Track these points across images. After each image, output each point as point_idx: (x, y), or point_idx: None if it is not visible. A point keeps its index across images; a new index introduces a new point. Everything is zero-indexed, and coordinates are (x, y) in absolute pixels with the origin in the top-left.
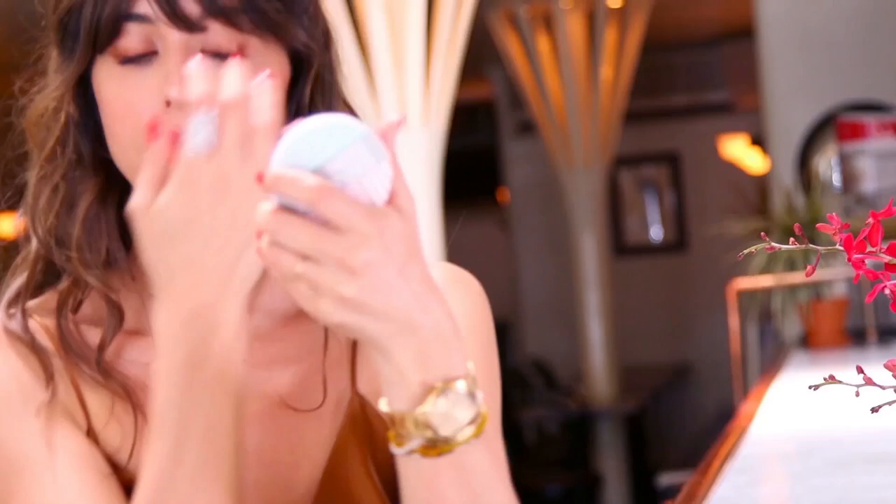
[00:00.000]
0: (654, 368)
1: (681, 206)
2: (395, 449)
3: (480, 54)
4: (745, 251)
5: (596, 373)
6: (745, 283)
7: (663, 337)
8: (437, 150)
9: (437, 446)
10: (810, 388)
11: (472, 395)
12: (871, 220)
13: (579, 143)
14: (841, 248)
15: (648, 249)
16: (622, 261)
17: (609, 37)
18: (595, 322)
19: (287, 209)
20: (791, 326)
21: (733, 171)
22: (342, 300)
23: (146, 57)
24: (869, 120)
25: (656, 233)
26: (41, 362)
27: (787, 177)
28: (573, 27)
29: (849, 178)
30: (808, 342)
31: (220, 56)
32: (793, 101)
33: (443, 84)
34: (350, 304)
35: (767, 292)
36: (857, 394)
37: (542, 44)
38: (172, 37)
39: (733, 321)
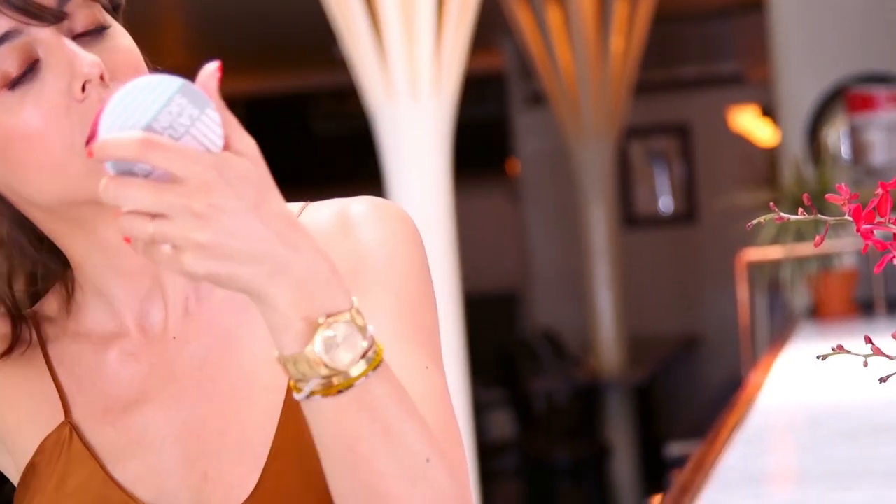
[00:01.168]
0: (662, 339)
1: (690, 177)
2: (296, 395)
3: (491, 25)
4: (755, 221)
5: (605, 343)
6: (754, 254)
7: (672, 308)
8: (447, 121)
9: (334, 384)
10: (818, 358)
11: (361, 329)
12: (880, 190)
13: (589, 115)
14: (850, 218)
15: (658, 221)
16: (631, 232)
17: (620, 7)
18: (604, 293)
19: (125, 175)
20: (800, 297)
21: (743, 142)
22: (201, 247)
23: (27, 73)
24: (879, 92)
25: (666, 204)
26: None
27: (796, 148)
28: None
29: (858, 149)
30: (816, 313)
31: (86, 33)
32: (803, 72)
33: (453, 55)
34: (209, 250)
35: (776, 263)
36: (866, 364)
37: (553, 14)
38: (45, 35)
39: (742, 292)
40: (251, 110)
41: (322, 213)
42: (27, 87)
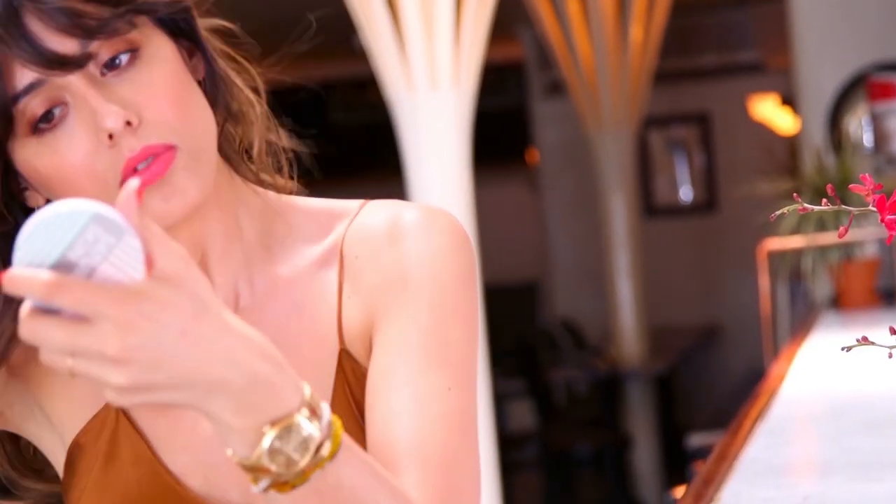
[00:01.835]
0: (683, 329)
1: (710, 166)
2: (253, 488)
3: (510, 14)
4: (777, 212)
5: (625, 333)
6: (775, 243)
7: (693, 297)
8: (466, 110)
9: (287, 482)
10: (843, 349)
11: (313, 423)
12: None
13: (608, 104)
14: (873, 208)
15: (678, 210)
16: (651, 222)
17: None
18: (624, 283)
19: (44, 310)
20: (821, 287)
21: (763, 131)
22: (119, 389)
23: (53, 116)
24: None
25: (686, 193)
26: None
27: (817, 137)
28: None
29: (880, 137)
30: (838, 303)
31: (115, 64)
32: (823, 60)
33: (472, 45)
34: (129, 389)
35: (798, 253)
36: (891, 355)
37: (572, 4)
38: (71, 80)
39: (763, 282)
40: (269, 101)
41: (375, 218)
42: (59, 131)
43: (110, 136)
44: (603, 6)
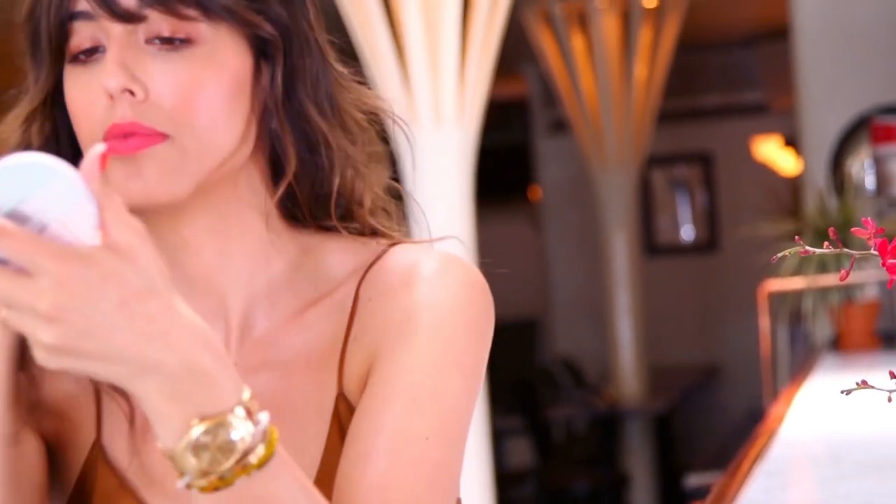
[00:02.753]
0: (683, 368)
1: (713, 206)
2: (177, 482)
3: (515, 52)
4: (780, 255)
5: (625, 372)
6: (776, 284)
7: (693, 337)
8: (470, 147)
9: (211, 482)
10: (843, 393)
11: (245, 427)
12: None
13: (612, 142)
14: (875, 252)
15: (679, 249)
16: (653, 260)
17: (643, 36)
18: (625, 321)
19: None
20: (822, 329)
21: (766, 171)
22: (45, 347)
23: (93, 54)
24: None
25: (687, 233)
26: None
27: (820, 178)
28: (608, 26)
29: (882, 180)
30: (838, 345)
31: (167, 41)
32: (827, 102)
33: (477, 81)
34: (56, 350)
35: (798, 294)
36: (890, 399)
37: (577, 42)
38: (113, 30)
39: (764, 322)
40: None
41: (395, 262)
42: (89, 68)
43: (111, 96)
44: (607, 44)
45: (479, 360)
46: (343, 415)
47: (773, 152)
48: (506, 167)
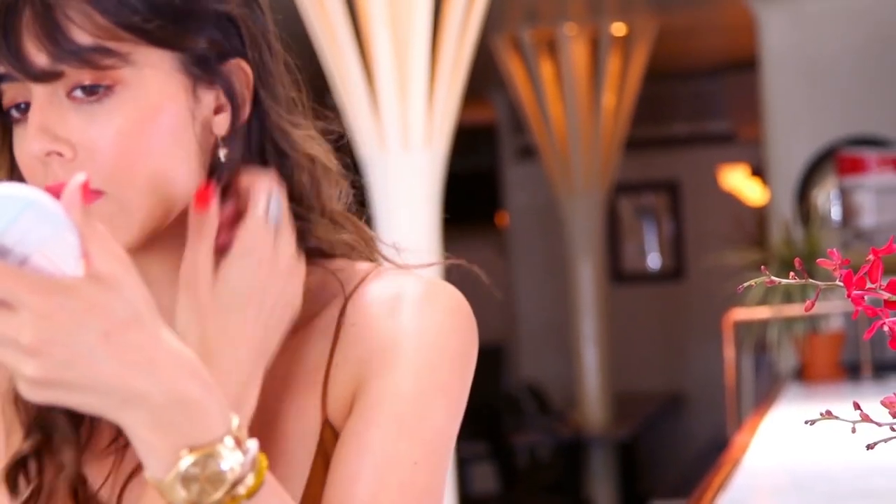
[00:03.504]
0: (648, 396)
1: (679, 234)
2: None
3: (484, 77)
4: (745, 284)
5: (590, 399)
6: (741, 313)
7: (658, 365)
8: (438, 171)
9: None
10: (806, 423)
11: (234, 457)
12: (871, 256)
13: (580, 169)
14: (840, 283)
15: (646, 277)
16: (619, 288)
17: (612, 64)
18: (590, 348)
19: None
20: (786, 359)
21: (732, 201)
22: (29, 380)
23: (27, 112)
24: (869, 155)
25: (654, 261)
26: None
27: (786, 209)
28: (577, 53)
29: (848, 211)
30: (803, 375)
31: (90, 91)
32: (793, 133)
33: (446, 106)
34: (40, 382)
35: (764, 323)
36: (854, 430)
37: (546, 69)
38: (34, 89)
39: (729, 351)
40: None
41: (379, 288)
42: (20, 126)
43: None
44: (576, 72)
45: (464, 387)
46: (328, 442)
47: (740, 182)
48: (473, 193)
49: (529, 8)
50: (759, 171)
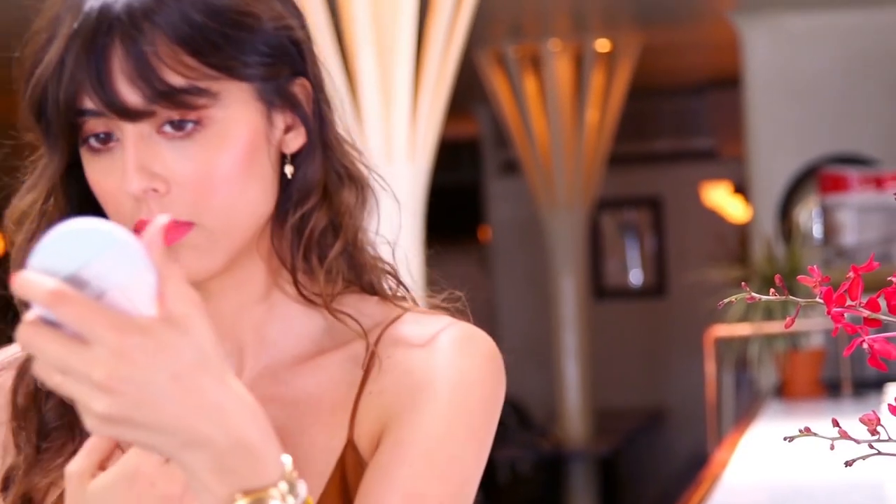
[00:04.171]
0: (629, 412)
1: (661, 250)
2: None
3: (467, 92)
4: (726, 301)
5: (571, 414)
6: (722, 330)
7: (639, 381)
8: (421, 185)
9: None
10: (786, 440)
11: (288, 500)
12: (851, 274)
13: (562, 185)
14: (821, 300)
15: (627, 293)
16: (601, 303)
17: (596, 80)
18: (571, 363)
19: (45, 321)
20: (767, 375)
21: (715, 218)
22: (97, 416)
23: (107, 142)
24: (851, 173)
25: (636, 277)
26: None
27: (768, 226)
28: (561, 69)
29: (829, 229)
30: (783, 392)
31: (179, 126)
32: (776, 150)
33: (429, 120)
34: (108, 419)
35: (744, 340)
36: (832, 447)
37: (530, 84)
38: (125, 127)
39: (709, 368)
40: None
41: (415, 327)
42: (105, 157)
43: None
44: (560, 87)
45: (491, 434)
46: (349, 463)
47: (723, 199)
48: (456, 207)
49: (514, 23)
50: (741, 189)
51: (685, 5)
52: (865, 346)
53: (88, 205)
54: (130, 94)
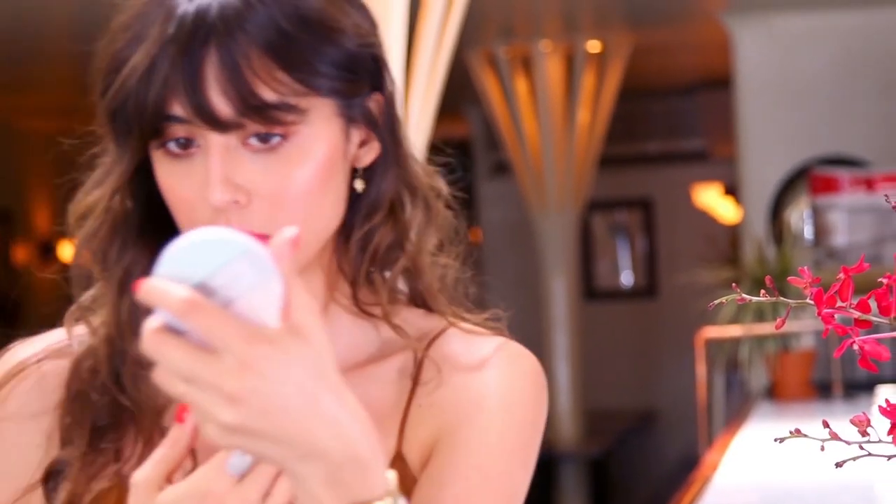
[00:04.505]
0: (619, 413)
1: (652, 252)
2: None
3: (458, 93)
4: (716, 301)
5: (562, 416)
6: (713, 331)
7: (630, 382)
8: None
9: None
10: (776, 441)
11: None
12: (842, 275)
13: (553, 186)
14: (811, 302)
15: (618, 294)
16: (592, 305)
17: (587, 81)
18: (562, 365)
19: (170, 328)
20: (758, 377)
21: (706, 219)
22: (224, 427)
23: (187, 147)
24: (842, 174)
25: (627, 278)
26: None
27: (759, 227)
28: (552, 70)
29: (820, 231)
30: (774, 393)
31: (264, 139)
32: (767, 152)
33: (420, 121)
34: (233, 430)
35: (735, 342)
36: (823, 448)
37: (521, 85)
38: (210, 137)
39: (700, 369)
40: None
41: (467, 341)
42: (184, 162)
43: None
44: (551, 88)
45: (536, 451)
46: (397, 474)
47: (714, 200)
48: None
49: (505, 24)
50: (732, 190)
51: (676, 6)
52: (856, 347)
53: (154, 206)
54: (222, 105)
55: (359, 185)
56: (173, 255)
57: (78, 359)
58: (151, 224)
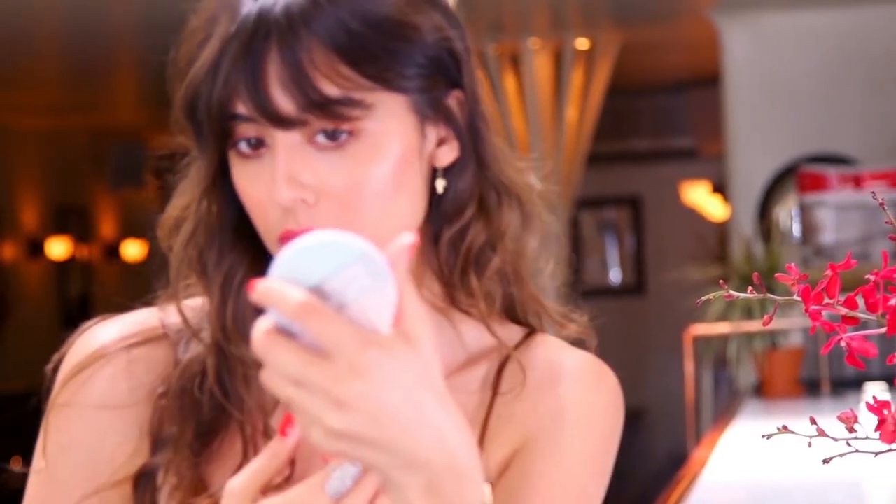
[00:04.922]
0: None
1: (640, 249)
2: None
3: None
4: (704, 298)
5: None
6: (701, 329)
7: (618, 379)
8: None
9: None
10: (763, 437)
11: None
12: (829, 272)
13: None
14: (798, 298)
15: (607, 292)
16: (580, 302)
17: (575, 79)
18: None
19: (281, 330)
20: (746, 374)
21: (694, 216)
22: (331, 432)
23: (258, 148)
24: (830, 172)
25: (615, 275)
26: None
27: (747, 225)
28: (540, 67)
29: (808, 228)
30: (762, 390)
31: (332, 136)
32: (755, 149)
33: None
34: (340, 435)
35: (723, 339)
36: (810, 445)
37: (509, 82)
38: (276, 134)
39: (688, 366)
40: None
41: (547, 353)
42: (254, 162)
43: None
44: (539, 86)
45: (611, 466)
46: None
47: (702, 198)
48: None
49: (493, 21)
50: (720, 188)
51: (665, 4)
52: (843, 344)
53: (241, 208)
54: (284, 102)
55: (440, 184)
56: (289, 257)
57: (187, 362)
58: (248, 227)
